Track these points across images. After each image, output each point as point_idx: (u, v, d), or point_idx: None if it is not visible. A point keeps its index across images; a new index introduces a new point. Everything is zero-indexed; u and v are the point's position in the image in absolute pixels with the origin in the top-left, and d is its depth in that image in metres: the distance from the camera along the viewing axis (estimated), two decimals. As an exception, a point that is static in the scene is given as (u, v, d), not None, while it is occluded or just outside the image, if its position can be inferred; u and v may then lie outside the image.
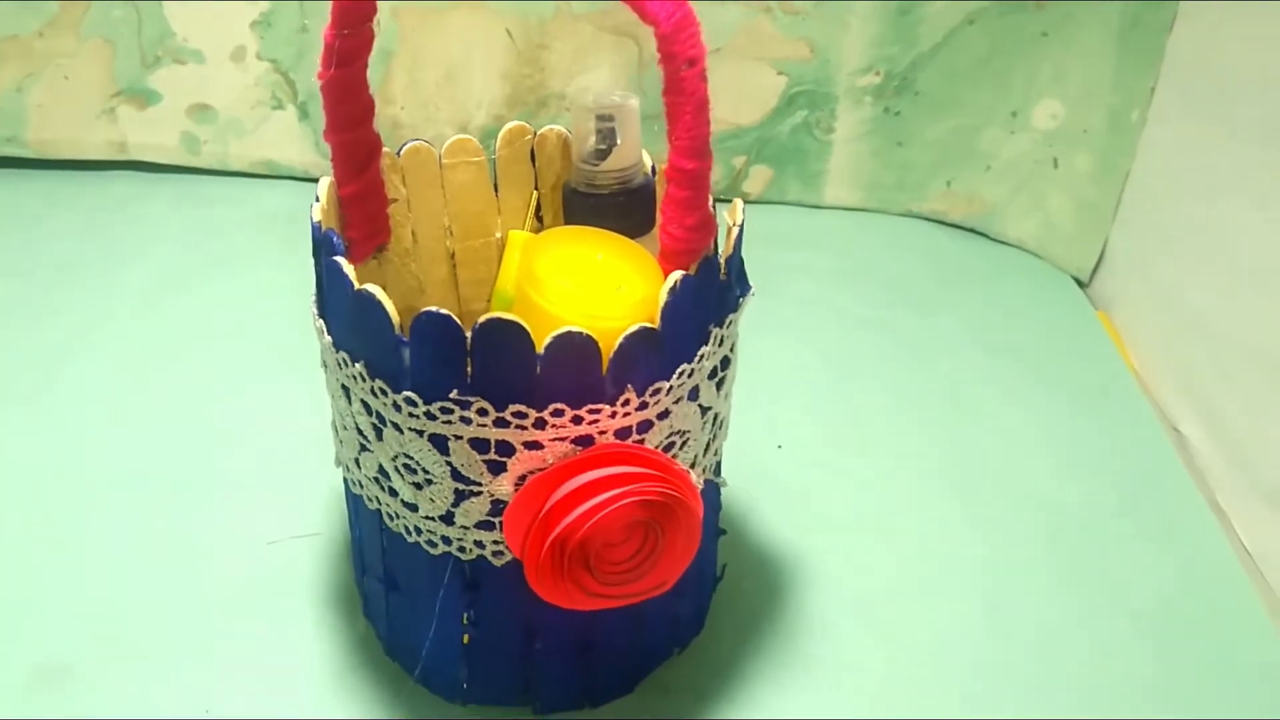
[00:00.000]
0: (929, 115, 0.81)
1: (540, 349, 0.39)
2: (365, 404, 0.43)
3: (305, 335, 0.48)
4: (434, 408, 0.41)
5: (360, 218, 0.48)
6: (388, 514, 0.46)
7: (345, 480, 0.49)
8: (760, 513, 0.61)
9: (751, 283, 0.47)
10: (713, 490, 0.50)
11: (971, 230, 0.85)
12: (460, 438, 0.41)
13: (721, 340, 0.45)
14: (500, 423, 0.41)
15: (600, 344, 0.40)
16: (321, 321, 0.45)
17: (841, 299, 0.78)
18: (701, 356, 0.43)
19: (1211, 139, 0.69)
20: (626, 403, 0.41)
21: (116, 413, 0.65)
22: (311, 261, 0.46)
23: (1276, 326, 0.61)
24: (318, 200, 0.45)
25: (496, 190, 0.54)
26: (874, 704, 0.52)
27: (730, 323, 0.45)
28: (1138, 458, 0.66)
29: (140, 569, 0.56)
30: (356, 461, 0.46)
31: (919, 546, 0.60)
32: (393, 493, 0.44)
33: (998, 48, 0.78)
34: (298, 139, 0.82)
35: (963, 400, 0.69)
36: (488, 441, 0.41)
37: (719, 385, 0.46)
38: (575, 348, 0.40)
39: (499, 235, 0.54)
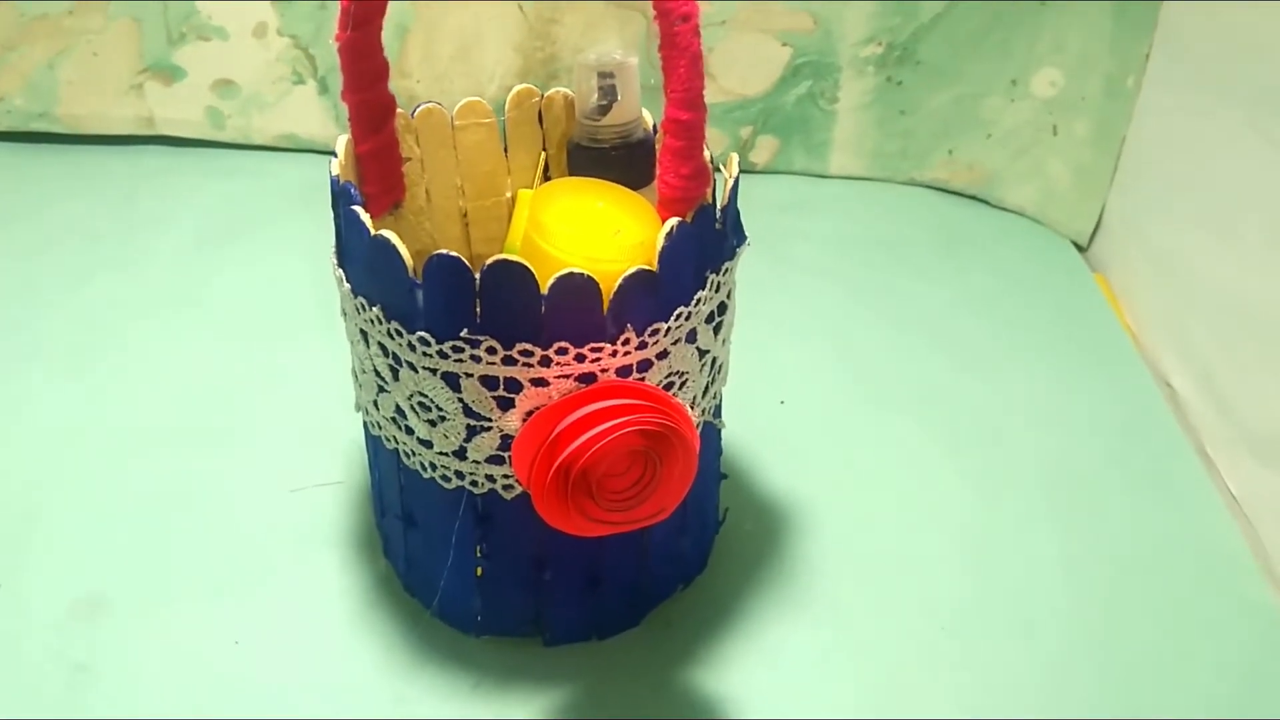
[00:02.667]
0: (931, 84, 0.83)
1: (544, 289, 0.42)
2: (382, 346, 0.46)
3: (326, 298, 0.51)
4: (446, 346, 0.43)
5: (376, 174, 0.51)
6: (404, 452, 0.48)
7: (365, 423, 0.52)
8: (762, 464, 0.64)
9: (757, 249, 0.49)
10: (712, 432, 0.53)
11: (973, 198, 0.87)
12: (471, 375, 0.44)
13: (718, 287, 0.47)
14: (508, 360, 0.43)
15: (601, 285, 0.42)
16: (341, 270, 0.47)
17: (845, 265, 0.80)
18: (698, 300, 0.46)
19: (1205, 104, 0.70)
20: (626, 342, 0.44)
21: (151, 370, 0.68)
22: (331, 226, 0.48)
23: (1267, 286, 0.63)
24: (336, 156, 0.48)
25: (506, 151, 0.56)
26: (867, 639, 0.54)
27: (726, 270, 0.48)
28: (1130, 412, 0.68)
29: (173, 513, 0.59)
30: (375, 403, 0.49)
31: (913, 497, 0.62)
32: (409, 431, 0.47)
33: (998, 17, 0.80)
34: (318, 113, 0.85)
35: (962, 361, 0.72)
36: (496, 379, 0.44)
37: (716, 330, 0.48)
38: (577, 288, 0.42)
39: (509, 195, 0.57)
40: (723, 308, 0.49)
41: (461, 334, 0.43)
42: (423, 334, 0.44)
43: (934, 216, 0.86)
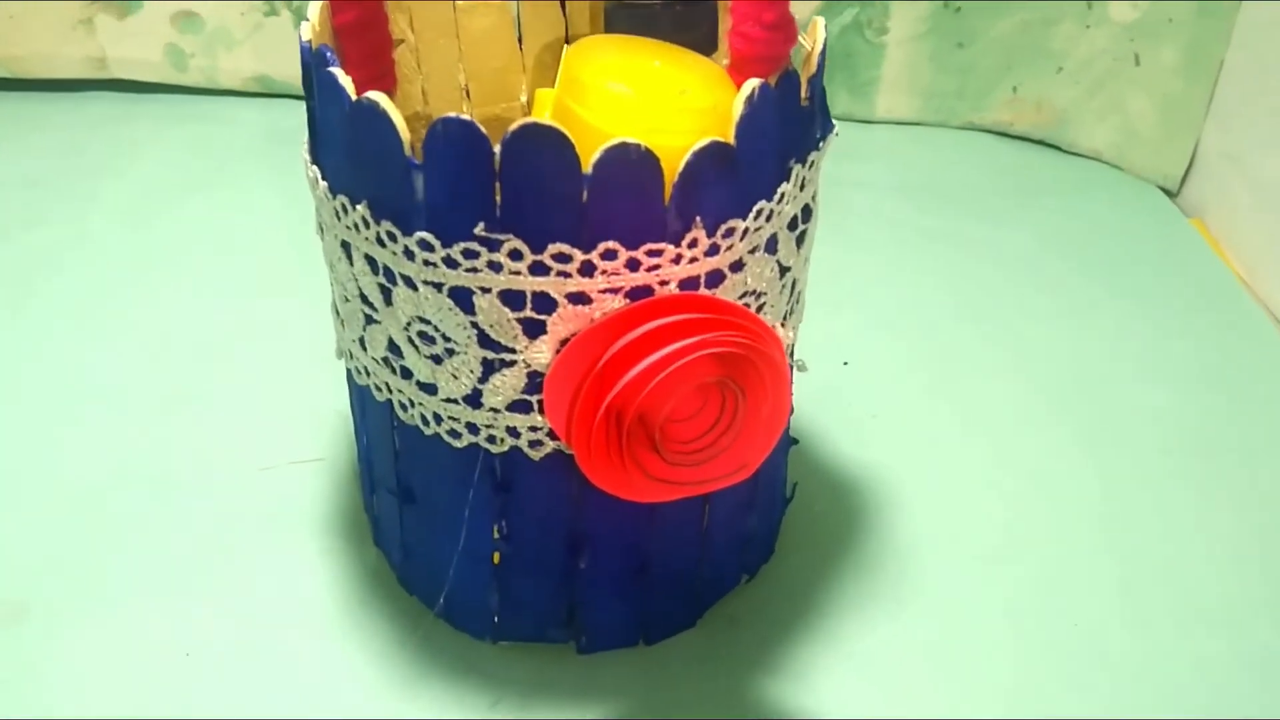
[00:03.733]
0: (992, 10, 0.73)
1: (587, 168, 0.31)
2: (370, 260, 0.35)
3: (302, 255, 0.40)
4: (455, 251, 0.33)
5: (360, 54, 0.40)
6: (400, 403, 0.38)
7: (348, 372, 0.41)
8: (827, 433, 0.53)
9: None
10: (787, 380, 0.42)
11: (1040, 142, 0.77)
12: (488, 290, 0.33)
13: (803, 183, 0.37)
14: (538, 269, 0.33)
15: (662, 164, 0.32)
16: (315, 168, 0.37)
17: (902, 211, 0.70)
18: (782, 196, 0.35)
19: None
20: (694, 244, 0.33)
21: (92, 331, 0.57)
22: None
23: None
24: (307, 21, 0.37)
25: (521, 42, 0.46)
26: (979, 636, 0.44)
27: (812, 163, 0.37)
28: (1252, 361, 0.58)
29: (116, 496, 0.48)
30: (361, 342, 0.38)
31: (1014, 465, 0.51)
32: (406, 374, 0.37)
33: (1069, -68, 0.70)
34: (293, 50, 0.74)
35: (1045, 313, 0.61)
36: (522, 294, 0.33)
37: (799, 241, 0.38)
38: (631, 165, 0.31)
39: (524, 98, 0.46)
40: (807, 213, 0.38)
41: (476, 231, 0.32)
42: (424, 235, 0.33)
43: (997, 163, 0.76)
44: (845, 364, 0.58)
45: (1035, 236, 0.68)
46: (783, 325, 0.38)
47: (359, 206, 0.34)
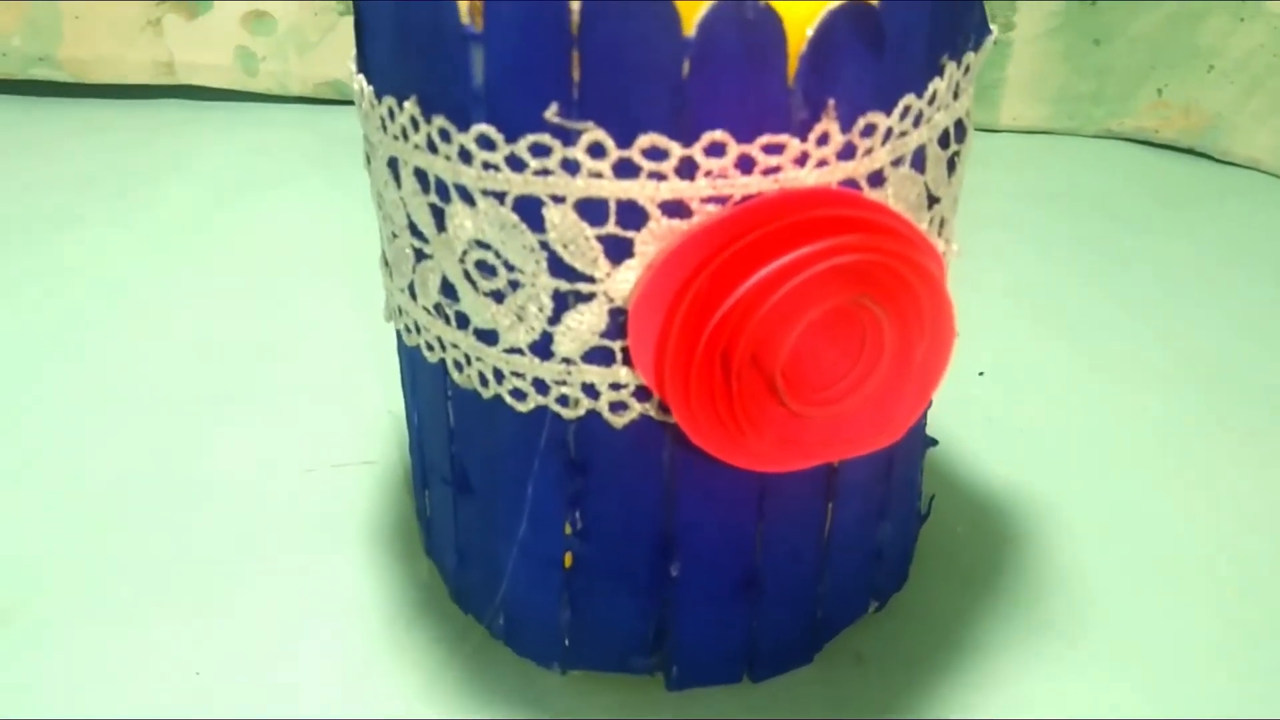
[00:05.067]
0: (1133, 3, 0.65)
1: (690, 31, 0.25)
2: (420, 175, 0.28)
3: (359, 260, 0.35)
4: (521, 147, 0.26)
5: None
6: (454, 362, 0.31)
7: (398, 338, 0.35)
8: (967, 446, 0.45)
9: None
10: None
11: (1189, 151, 0.68)
12: (561, 200, 0.26)
13: (958, 89, 0.30)
14: (624, 168, 0.26)
15: (786, 28, 0.25)
16: (360, 76, 0.31)
17: (1035, 218, 0.62)
18: (934, 96, 0.28)
19: None
20: (824, 139, 0.26)
21: (136, 331, 0.51)
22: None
23: None
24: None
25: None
26: (1172, 681, 0.35)
27: (968, 68, 0.30)
28: None
29: (141, 501, 0.42)
30: (410, 290, 0.31)
31: (1185, 485, 0.42)
32: (462, 322, 0.30)
33: (1222, -86, 0.63)
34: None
35: (1208, 324, 0.52)
36: (604, 204, 0.26)
37: (950, 167, 0.31)
38: (747, 28, 0.24)
39: None
40: (960, 130, 0.31)
41: (547, 117, 0.25)
42: (483, 129, 0.26)
43: (1141, 173, 0.67)
44: (981, 374, 0.49)
45: (1192, 247, 0.59)
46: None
47: (407, 104, 0.28)
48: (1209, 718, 0.33)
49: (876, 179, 0.27)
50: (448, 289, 0.30)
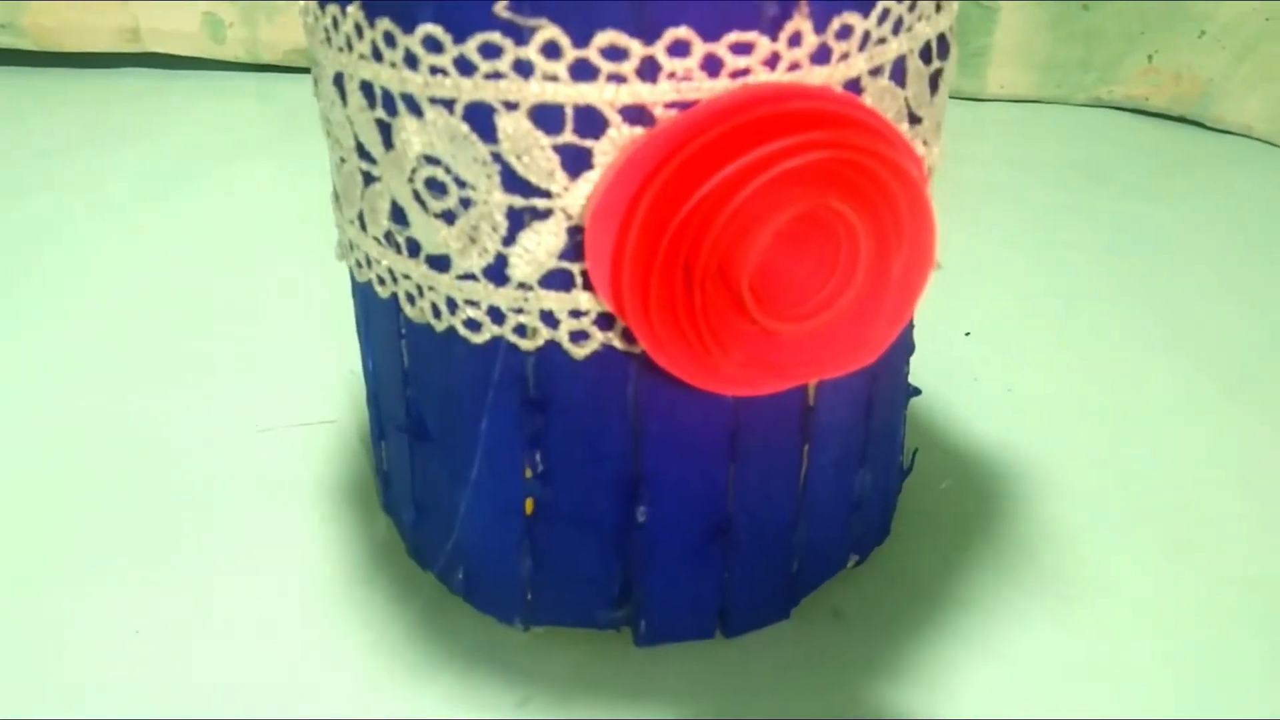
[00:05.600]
0: (1124, -34, 0.64)
1: (650, -83, 0.23)
2: (366, 88, 0.26)
3: (326, 228, 0.33)
4: (470, 48, 0.24)
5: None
6: (406, 295, 0.29)
7: (350, 277, 0.33)
8: (952, 406, 0.43)
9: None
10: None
11: (1181, 119, 0.67)
12: (514, 106, 0.24)
13: (939, 3, 0.28)
14: (581, 70, 0.24)
15: (753, -82, 0.23)
16: (307, -11, 0.29)
17: (1023, 184, 0.60)
18: (914, 4, 0.26)
19: None
20: (796, 39, 0.24)
21: (94, 296, 0.50)
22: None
23: None
24: None
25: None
26: (1165, 638, 0.33)
27: (949, -20, 0.28)
28: None
29: (90, 461, 0.40)
30: (360, 220, 0.29)
31: (1176, 447, 0.41)
32: (413, 249, 0.28)
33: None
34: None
35: (1201, 290, 0.51)
36: (560, 110, 0.24)
37: (934, 85, 0.29)
38: (711, -87, 0.23)
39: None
40: (944, 46, 0.29)
41: (497, 11, 0.24)
42: (429, 29, 0.24)
43: (1132, 141, 0.66)
44: (967, 334, 0.48)
45: (1182, 213, 0.58)
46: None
47: (350, 9, 0.26)
48: (1196, 675, 0.32)
49: (852, 87, 0.26)
50: (397, 214, 0.28)
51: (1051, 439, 0.41)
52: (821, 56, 0.25)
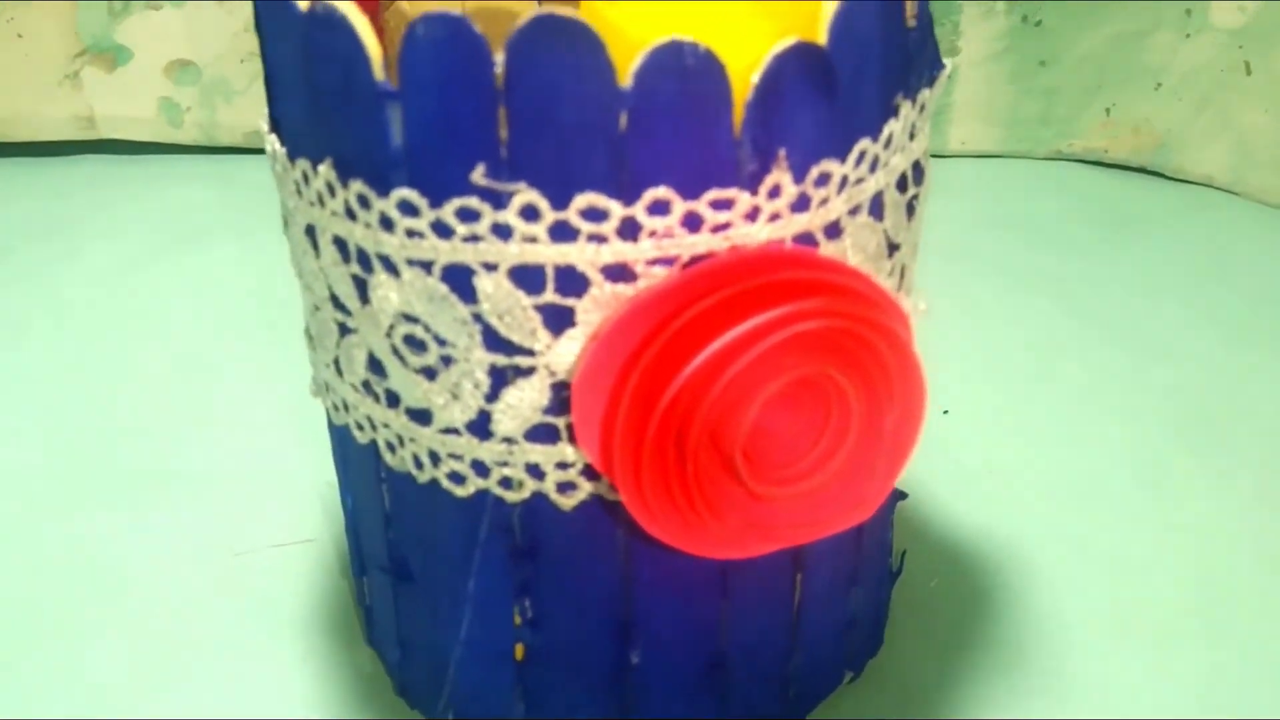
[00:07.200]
0: (1079, 23, 0.64)
1: (626, 81, 0.22)
2: (340, 243, 0.26)
3: (292, 321, 0.32)
4: (447, 212, 0.24)
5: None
6: (387, 443, 0.28)
7: (327, 415, 0.32)
8: (934, 491, 0.43)
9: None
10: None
11: (1141, 170, 0.68)
12: (494, 267, 0.24)
13: (914, 130, 0.28)
14: (561, 231, 0.23)
15: (730, 75, 0.23)
16: (273, 136, 0.28)
17: (989, 247, 0.60)
18: (889, 140, 0.26)
19: None
20: (776, 192, 0.24)
21: (49, 403, 0.48)
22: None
23: None
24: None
25: None
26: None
27: (923, 106, 0.28)
28: None
29: (55, 588, 0.39)
30: (336, 365, 0.29)
31: (1162, 523, 0.41)
32: (392, 400, 0.27)
33: (1161, -69, 0.62)
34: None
35: (1168, 351, 0.51)
36: (540, 270, 0.24)
37: (910, 210, 0.29)
38: (688, 76, 0.22)
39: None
40: (919, 172, 0.29)
41: (474, 179, 0.23)
42: (404, 193, 0.24)
43: (1093, 195, 0.66)
44: (945, 413, 0.48)
45: (1146, 271, 0.58)
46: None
47: (322, 167, 0.25)
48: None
49: (833, 230, 0.25)
50: (375, 365, 0.27)
51: (1036, 521, 0.41)
52: (801, 205, 0.24)
